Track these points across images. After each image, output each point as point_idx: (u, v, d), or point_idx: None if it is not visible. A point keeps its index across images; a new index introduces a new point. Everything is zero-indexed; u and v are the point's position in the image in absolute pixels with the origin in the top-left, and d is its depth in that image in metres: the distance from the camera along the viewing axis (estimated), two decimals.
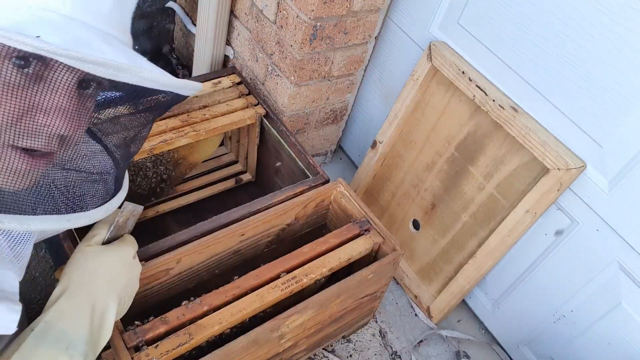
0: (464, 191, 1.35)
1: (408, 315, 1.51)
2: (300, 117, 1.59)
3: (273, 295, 1.03)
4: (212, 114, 1.38)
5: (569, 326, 1.26)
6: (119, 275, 0.87)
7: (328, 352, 1.36)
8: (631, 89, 1.00)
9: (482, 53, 1.25)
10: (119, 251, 0.90)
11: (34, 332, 0.74)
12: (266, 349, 1.05)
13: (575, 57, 1.07)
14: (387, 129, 1.49)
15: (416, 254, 1.52)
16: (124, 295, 0.88)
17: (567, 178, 1.12)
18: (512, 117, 1.18)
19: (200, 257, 1.11)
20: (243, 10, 1.55)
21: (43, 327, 0.76)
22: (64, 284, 0.82)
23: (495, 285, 1.42)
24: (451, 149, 1.36)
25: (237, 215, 1.17)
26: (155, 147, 1.26)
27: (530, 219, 1.20)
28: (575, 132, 1.12)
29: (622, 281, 1.13)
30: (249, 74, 1.64)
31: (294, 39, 1.37)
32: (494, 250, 1.29)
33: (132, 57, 0.62)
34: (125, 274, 0.89)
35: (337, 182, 1.26)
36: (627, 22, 0.97)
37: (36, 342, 0.73)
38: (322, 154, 1.83)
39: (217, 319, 0.98)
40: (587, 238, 1.17)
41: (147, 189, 1.43)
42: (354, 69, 1.56)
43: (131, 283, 0.91)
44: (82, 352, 0.76)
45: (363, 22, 1.42)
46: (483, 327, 1.52)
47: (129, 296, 0.90)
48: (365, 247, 1.16)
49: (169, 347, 0.92)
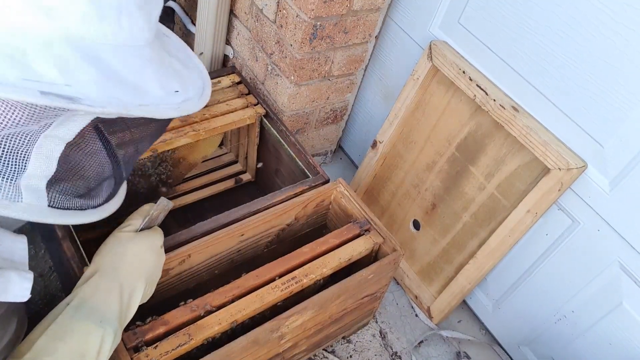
0: (465, 191, 1.35)
1: (408, 316, 1.51)
2: (300, 116, 1.59)
3: (273, 295, 1.03)
4: (212, 113, 1.37)
5: (569, 326, 1.26)
6: (147, 261, 0.93)
7: (328, 353, 1.36)
8: (632, 88, 1.00)
9: (482, 52, 1.25)
10: (149, 239, 0.95)
11: (70, 307, 0.80)
12: (266, 349, 1.05)
13: (576, 57, 1.07)
14: (388, 129, 1.49)
15: (416, 254, 1.52)
16: (150, 281, 0.92)
17: (568, 178, 1.12)
18: (512, 117, 1.18)
19: (200, 257, 1.11)
20: (243, 9, 1.55)
21: (78, 302, 0.81)
22: (96, 265, 0.88)
23: (496, 286, 1.42)
24: (452, 149, 1.36)
25: (237, 215, 1.17)
26: (154, 147, 1.26)
27: (531, 219, 1.20)
28: (576, 132, 1.12)
29: (623, 281, 1.12)
30: (248, 73, 1.64)
31: (293, 39, 1.37)
32: (495, 250, 1.29)
33: (164, 82, 0.71)
34: (153, 261, 0.94)
35: (337, 182, 1.26)
36: (628, 22, 0.97)
37: (72, 315, 0.79)
38: (322, 154, 1.83)
39: (217, 319, 0.97)
40: (588, 238, 1.16)
41: (147, 189, 1.43)
42: (354, 68, 1.56)
43: (156, 270, 0.96)
44: (114, 327, 0.81)
45: (363, 21, 1.42)
46: (484, 328, 1.52)
47: (153, 282, 0.95)
48: (366, 247, 1.16)
49: (168, 348, 0.92)
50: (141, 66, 0.66)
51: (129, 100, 0.64)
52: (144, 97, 0.66)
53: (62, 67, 0.57)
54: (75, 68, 0.59)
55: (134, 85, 0.65)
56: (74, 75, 0.58)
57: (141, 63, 0.66)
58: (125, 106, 0.63)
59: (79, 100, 0.58)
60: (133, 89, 0.65)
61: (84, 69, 0.59)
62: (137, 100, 0.65)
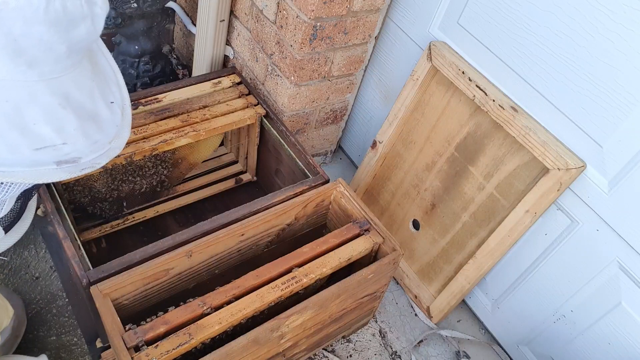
0: (464, 191, 1.35)
1: (408, 315, 1.51)
2: (300, 117, 1.59)
3: (273, 295, 1.03)
4: (212, 114, 1.38)
5: (569, 326, 1.26)
6: None
7: (328, 352, 1.36)
8: (631, 88, 1.00)
9: (482, 53, 1.25)
10: None
11: None
12: (266, 348, 1.05)
13: (575, 57, 1.07)
14: (387, 129, 1.49)
15: (416, 254, 1.52)
16: None
17: (567, 178, 1.12)
18: (512, 117, 1.18)
19: (200, 257, 1.11)
20: (243, 10, 1.55)
21: None
22: None
23: (495, 285, 1.42)
24: (451, 149, 1.36)
25: (237, 215, 1.18)
26: (155, 147, 1.26)
27: (530, 219, 1.20)
28: (575, 132, 1.12)
29: (622, 281, 1.13)
30: (249, 74, 1.64)
31: (294, 39, 1.37)
32: (494, 250, 1.29)
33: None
34: None
35: (337, 182, 1.26)
36: (627, 22, 0.97)
37: None
38: (322, 154, 1.83)
39: (217, 319, 0.98)
40: (587, 238, 1.17)
41: (147, 189, 1.43)
42: (354, 69, 1.56)
43: None
44: None
45: (363, 22, 1.42)
46: (483, 327, 1.52)
47: None
48: (365, 247, 1.16)
49: (169, 347, 0.92)
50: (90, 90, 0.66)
51: (100, 138, 0.65)
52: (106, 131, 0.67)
53: (53, 121, 0.59)
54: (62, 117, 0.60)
55: (92, 114, 0.65)
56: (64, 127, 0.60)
57: (90, 87, 0.67)
58: (103, 147, 0.64)
59: (79, 160, 0.61)
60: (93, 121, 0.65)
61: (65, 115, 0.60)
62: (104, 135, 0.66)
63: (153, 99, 1.37)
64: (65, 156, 0.60)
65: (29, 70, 0.57)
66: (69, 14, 0.57)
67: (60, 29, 0.57)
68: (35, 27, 0.55)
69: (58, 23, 0.56)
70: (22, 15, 0.53)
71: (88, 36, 0.61)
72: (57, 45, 0.58)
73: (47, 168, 0.59)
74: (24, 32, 0.54)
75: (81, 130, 0.62)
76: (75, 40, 0.59)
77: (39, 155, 0.58)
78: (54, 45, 0.57)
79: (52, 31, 0.56)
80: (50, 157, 0.59)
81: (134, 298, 1.04)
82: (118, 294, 1.01)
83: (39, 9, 0.54)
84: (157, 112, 1.34)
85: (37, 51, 0.56)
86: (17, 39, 0.54)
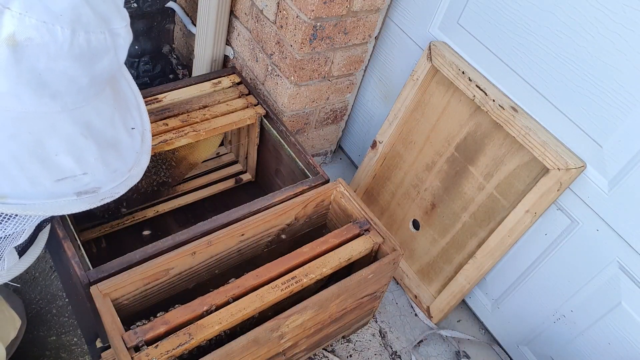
0: (464, 191, 1.35)
1: (408, 315, 1.51)
2: (300, 117, 1.59)
3: (273, 295, 1.03)
4: (212, 114, 1.38)
5: (568, 326, 1.26)
6: None
7: (328, 352, 1.36)
8: (631, 88, 1.00)
9: (482, 53, 1.25)
10: None
11: None
12: (266, 348, 1.05)
13: (575, 57, 1.07)
14: (387, 129, 1.49)
15: (416, 254, 1.52)
16: None
17: (566, 178, 1.12)
18: (512, 117, 1.18)
19: (200, 257, 1.11)
20: (243, 10, 1.55)
21: None
22: None
23: (495, 285, 1.42)
24: (451, 149, 1.36)
25: (237, 215, 1.18)
26: (155, 147, 1.26)
27: (530, 219, 1.20)
28: (575, 132, 1.12)
29: (622, 281, 1.13)
30: (249, 74, 1.64)
31: (294, 39, 1.37)
32: (494, 250, 1.29)
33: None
34: None
35: (337, 182, 1.26)
36: (627, 22, 0.97)
37: None
38: (322, 154, 1.83)
39: (217, 319, 0.98)
40: (587, 238, 1.17)
41: (147, 189, 1.43)
42: (354, 69, 1.56)
43: None
44: None
45: (363, 22, 1.42)
46: (483, 327, 1.52)
47: None
48: (365, 247, 1.16)
49: (169, 347, 0.92)
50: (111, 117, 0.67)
51: (119, 166, 0.65)
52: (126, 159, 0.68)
53: (74, 151, 0.60)
54: (83, 147, 0.60)
55: (112, 142, 0.65)
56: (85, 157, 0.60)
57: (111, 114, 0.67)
58: (122, 175, 0.65)
59: (98, 190, 0.61)
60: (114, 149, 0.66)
61: (87, 145, 0.61)
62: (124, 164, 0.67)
63: (153, 99, 1.37)
64: (85, 186, 0.60)
65: (52, 102, 0.57)
66: (93, 49, 0.57)
67: (84, 63, 0.57)
68: (59, 62, 0.54)
69: (82, 57, 0.56)
70: (46, 51, 0.53)
71: (111, 67, 0.61)
72: (80, 78, 0.58)
73: (67, 199, 0.59)
74: (48, 67, 0.54)
75: (101, 159, 0.62)
76: (99, 72, 0.60)
77: (60, 186, 0.58)
78: (77, 79, 0.57)
79: (76, 65, 0.56)
80: (70, 188, 0.59)
81: (134, 298, 1.04)
82: (118, 294, 1.01)
83: (64, 44, 0.54)
84: (157, 112, 1.34)
85: (60, 84, 0.56)
86: (41, 74, 0.54)
